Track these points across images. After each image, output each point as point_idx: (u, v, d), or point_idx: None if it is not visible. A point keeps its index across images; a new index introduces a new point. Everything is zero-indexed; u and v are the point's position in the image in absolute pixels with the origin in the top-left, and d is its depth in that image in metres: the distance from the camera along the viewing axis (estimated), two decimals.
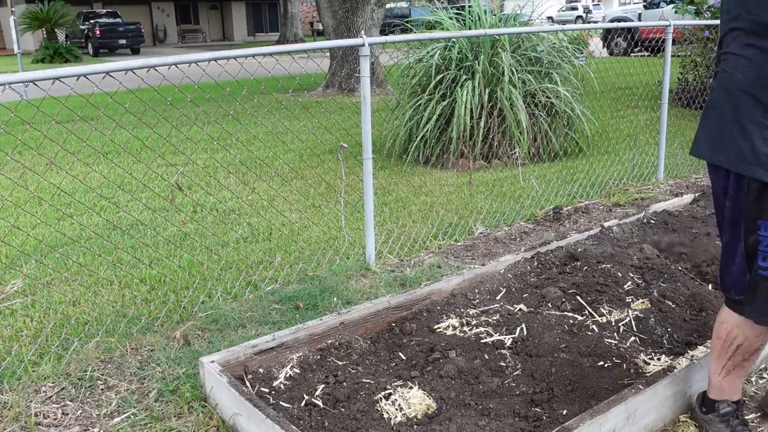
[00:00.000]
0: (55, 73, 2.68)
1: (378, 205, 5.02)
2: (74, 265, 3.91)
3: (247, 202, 5.23)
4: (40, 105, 3.15)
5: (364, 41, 3.56)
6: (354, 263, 3.84)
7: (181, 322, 3.13)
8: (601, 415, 2.07)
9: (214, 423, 2.38)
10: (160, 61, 2.97)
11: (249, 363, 2.55)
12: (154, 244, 4.28)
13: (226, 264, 3.90)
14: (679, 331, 2.75)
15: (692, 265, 3.39)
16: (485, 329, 2.80)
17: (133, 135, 4.48)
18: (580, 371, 2.44)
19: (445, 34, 5.73)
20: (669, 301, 2.95)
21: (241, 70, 3.62)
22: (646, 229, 3.96)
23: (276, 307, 3.29)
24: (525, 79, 6.34)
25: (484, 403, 2.28)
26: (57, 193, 5.43)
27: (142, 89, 3.29)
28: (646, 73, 9.88)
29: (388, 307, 2.95)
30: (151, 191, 5.50)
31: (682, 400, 2.37)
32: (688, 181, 5.74)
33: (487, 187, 5.56)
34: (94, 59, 27.02)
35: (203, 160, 6.67)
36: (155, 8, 38.56)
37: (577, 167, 6.11)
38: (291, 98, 11.07)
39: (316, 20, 32.58)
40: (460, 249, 4.16)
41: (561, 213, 4.75)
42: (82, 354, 2.83)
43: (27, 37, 28.32)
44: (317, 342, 2.73)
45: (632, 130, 7.62)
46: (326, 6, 12.36)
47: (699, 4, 9.35)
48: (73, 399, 2.56)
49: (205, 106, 8.52)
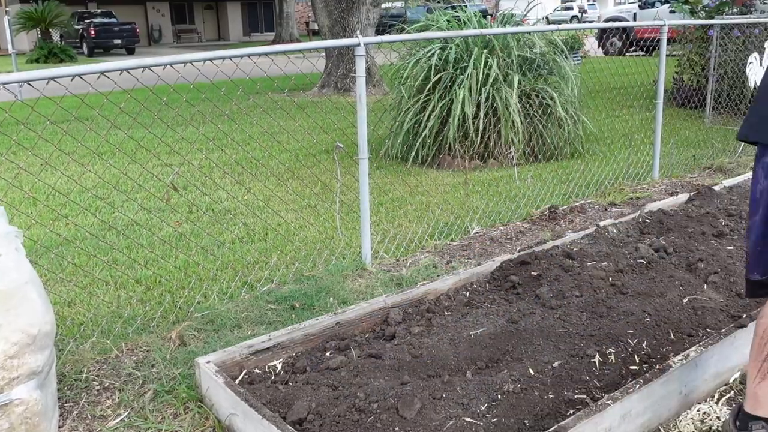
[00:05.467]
0: (49, 73, 2.68)
1: (374, 204, 5.02)
2: (69, 266, 3.90)
3: (243, 202, 5.23)
4: (35, 105, 3.15)
5: (359, 41, 3.56)
6: (350, 263, 3.84)
7: (177, 323, 3.13)
8: (596, 414, 2.08)
9: (210, 423, 2.38)
10: (155, 61, 2.96)
11: (245, 363, 2.55)
12: (150, 244, 4.28)
13: (222, 264, 3.89)
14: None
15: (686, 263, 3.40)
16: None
17: (128, 135, 4.48)
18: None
19: (440, 34, 5.73)
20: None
21: (237, 70, 3.62)
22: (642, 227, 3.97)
23: (272, 308, 3.29)
24: (520, 79, 6.35)
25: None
26: (52, 194, 5.42)
27: (137, 89, 3.29)
28: (641, 72, 9.92)
29: (384, 306, 2.95)
30: (146, 191, 5.49)
31: (677, 400, 2.38)
32: (683, 180, 5.76)
33: (483, 187, 5.57)
34: (88, 59, 26.93)
35: (199, 160, 6.66)
36: (150, 8, 38.47)
37: (573, 167, 6.12)
38: (287, 98, 11.06)
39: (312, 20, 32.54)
40: (456, 248, 4.16)
41: (557, 212, 4.76)
42: (77, 355, 2.82)
43: (21, 37, 28.26)
44: (313, 342, 2.73)
45: (627, 130, 7.64)
46: (322, 6, 12.35)
47: (694, 4, 9.37)
48: (68, 400, 2.56)
49: (201, 106, 8.50)
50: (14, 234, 2.19)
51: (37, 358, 2.13)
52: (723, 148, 6.81)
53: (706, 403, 2.47)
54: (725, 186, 4.87)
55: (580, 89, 6.80)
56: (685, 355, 2.42)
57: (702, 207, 4.27)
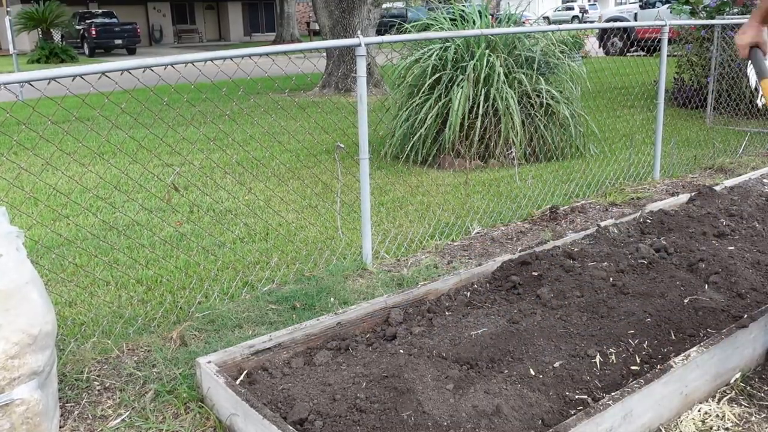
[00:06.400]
0: (50, 73, 2.68)
1: (375, 205, 5.02)
2: (70, 266, 3.90)
3: (244, 203, 5.23)
4: (36, 105, 3.15)
5: (360, 41, 3.56)
6: (351, 263, 3.84)
7: (178, 323, 3.13)
8: (597, 414, 2.08)
9: (210, 423, 2.38)
10: (156, 61, 2.97)
11: (246, 363, 2.55)
12: (151, 244, 4.28)
13: (223, 264, 3.89)
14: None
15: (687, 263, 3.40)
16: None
17: (129, 135, 4.48)
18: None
19: (441, 34, 5.73)
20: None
21: (238, 71, 3.62)
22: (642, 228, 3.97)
23: (273, 308, 3.29)
24: (520, 79, 6.35)
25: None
26: (53, 194, 5.43)
27: (138, 89, 3.29)
28: (642, 72, 9.91)
29: (385, 307, 2.95)
30: (147, 192, 5.49)
31: (678, 400, 2.37)
32: (684, 180, 5.75)
33: (484, 187, 5.57)
34: (89, 59, 26.96)
35: (200, 160, 6.66)
36: (151, 8, 38.50)
37: (574, 167, 6.12)
38: (287, 98, 11.06)
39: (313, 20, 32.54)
40: (457, 249, 4.16)
41: (557, 212, 4.75)
42: (78, 355, 2.82)
43: (22, 37, 28.27)
44: (314, 342, 2.73)
45: (628, 130, 7.64)
46: (322, 6, 12.36)
47: (694, 4, 9.37)
48: (69, 400, 2.56)
49: (202, 107, 8.51)
50: (15, 234, 2.19)
51: (38, 358, 2.13)
52: (724, 149, 6.80)
53: (707, 403, 2.47)
54: (726, 186, 4.87)
55: (580, 89, 6.80)
56: (686, 356, 2.42)
57: (703, 207, 4.27)
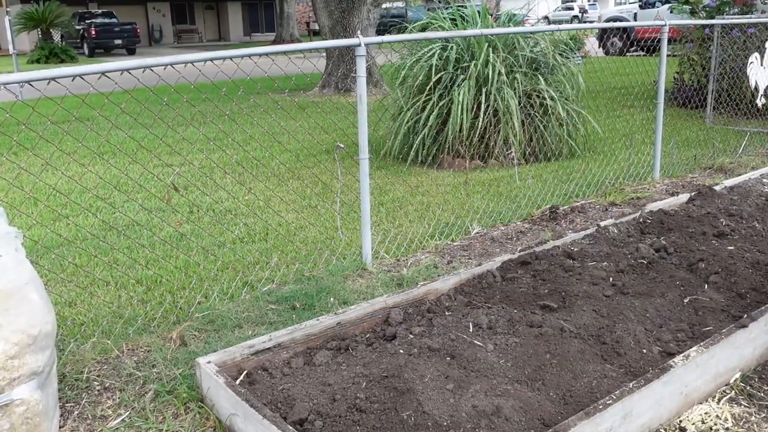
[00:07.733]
0: (50, 73, 2.68)
1: (374, 205, 5.02)
2: (70, 266, 3.90)
3: (244, 203, 5.23)
4: (36, 105, 3.15)
5: (360, 41, 3.56)
6: (351, 263, 3.84)
7: (178, 323, 3.13)
8: (597, 414, 2.07)
9: (210, 424, 2.38)
10: (156, 61, 2.97)
11: (246, 363, 2.55)
12: (151, 244, 4.28)
13: (223, 264, 3.89)
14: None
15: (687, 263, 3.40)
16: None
17: (129, 135, 4.49)
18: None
19: (441, 34, 5.73)
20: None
21: (237, 71, 3.62)
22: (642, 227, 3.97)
23: (272, 308, 3.29)
24: (520, 79, 6.35)
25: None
26: (53, 194, 5.42)
27: (138, 89, 3.29)
28: (642, 72, 9.92)
29: (385, 307, 2.95)
30: (147, 192, 5.49)
31: (678, 400, 2.37)
32: (684, 180, 5.75)
33: (484, 187, 5.57)
34: (89, 59, 26.96)
35: (199, 160, 6.66)
36: (151, 8, 38.49)
37: (574, 167, 6.12)
38: (287, 98, 11.06)
39: (312, 20, 32.55)
40: (457, 248, 4.16)
41: (557, 212, 4.75)
42: (78, 355, 2.82)
43: (22, 37, 28.25)
44: (314, 342, 2.73)
45: (628, 130, 7.64)
46: (322, 6, 12.36)
47: (694, 4, 9.37)
48: (69, 400, 2.56)
49: (202, 107, 8.51)
50: (14, 234, 2.19)
51: (38, 358, 2.13)
52: (724, 148, 6.80)
53: (707, 403, 2.47)
54: (726, 186, 4.87)
55: (580, 89, 6.80)
56: (686, 356, 2.42)
57: (703, 207, 4.27)
